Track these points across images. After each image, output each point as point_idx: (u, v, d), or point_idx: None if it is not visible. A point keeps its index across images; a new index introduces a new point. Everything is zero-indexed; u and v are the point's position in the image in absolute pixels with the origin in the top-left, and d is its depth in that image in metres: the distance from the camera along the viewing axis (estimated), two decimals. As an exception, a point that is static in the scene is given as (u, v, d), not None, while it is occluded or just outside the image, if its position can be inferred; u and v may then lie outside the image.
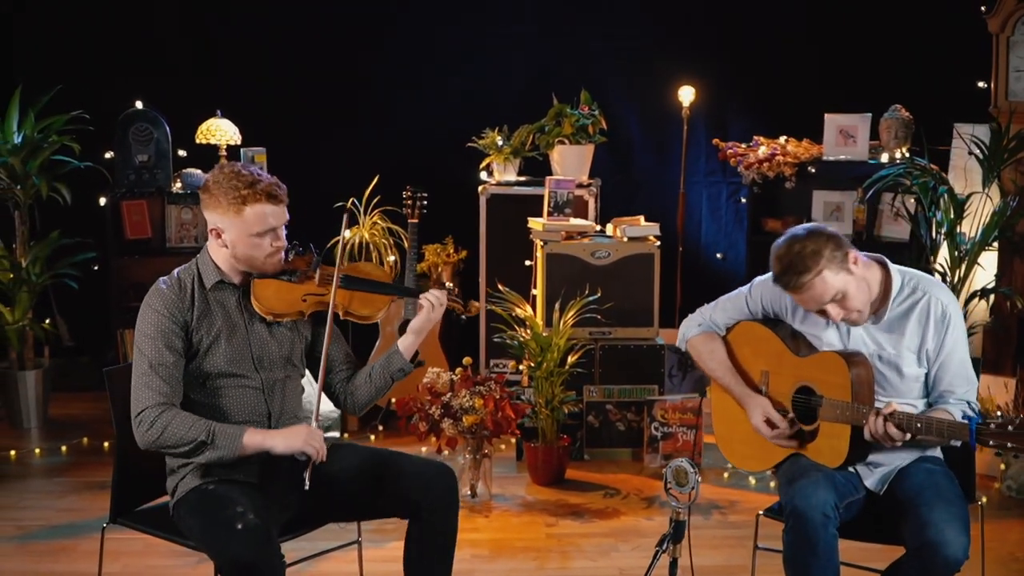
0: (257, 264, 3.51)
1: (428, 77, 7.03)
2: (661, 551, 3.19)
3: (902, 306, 3.61)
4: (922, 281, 3.64)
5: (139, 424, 3.39)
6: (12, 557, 4.72)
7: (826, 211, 6.55)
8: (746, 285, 3.91)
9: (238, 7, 6.97)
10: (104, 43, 6.77)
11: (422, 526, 3.57)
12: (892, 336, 3.61)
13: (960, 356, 3.62)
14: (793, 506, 3.48)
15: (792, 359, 3.73)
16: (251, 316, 3.55)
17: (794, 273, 3.47)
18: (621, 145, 7.16)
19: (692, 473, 3.17)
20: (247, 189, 3.40)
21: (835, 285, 3.48)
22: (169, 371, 3.41)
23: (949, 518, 3.38)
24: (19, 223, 6.19)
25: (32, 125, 6.09)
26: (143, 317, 3.47)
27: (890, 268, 3.64)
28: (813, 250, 3.46)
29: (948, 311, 3.59)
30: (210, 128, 6.46)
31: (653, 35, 7.01)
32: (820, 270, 3.45)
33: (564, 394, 5.52)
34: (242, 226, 3.43)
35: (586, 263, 5.77)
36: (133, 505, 3.75)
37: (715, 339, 3.92)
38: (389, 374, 3.70)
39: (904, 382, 3.63)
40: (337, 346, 3.75)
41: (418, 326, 3.70)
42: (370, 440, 6.14)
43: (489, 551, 4.80)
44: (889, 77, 6.65)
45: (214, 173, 3.46)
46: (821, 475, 3.55)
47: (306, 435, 3.45)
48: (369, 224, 6.39)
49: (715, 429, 3.98)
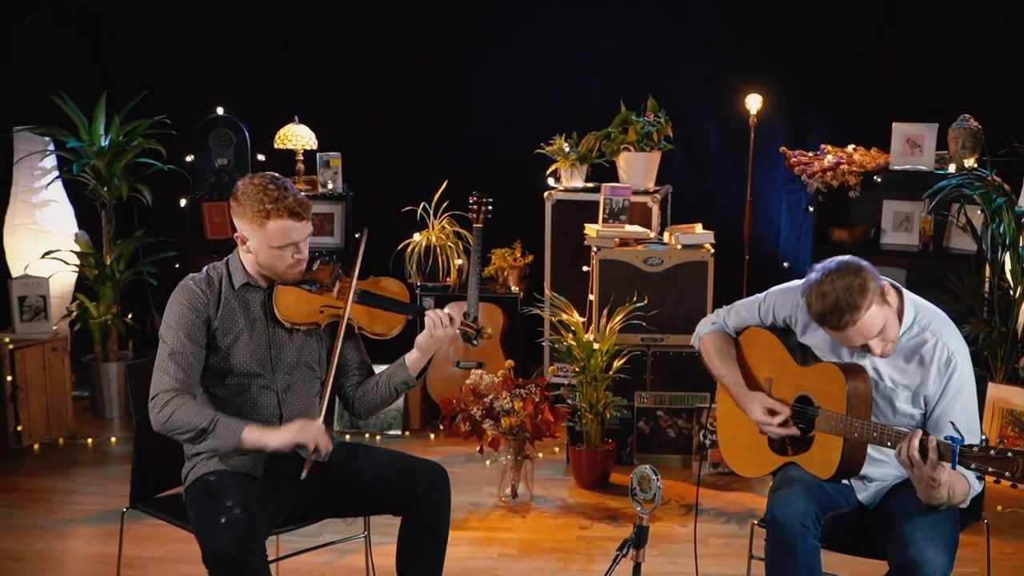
0: (278, 273, 3.66)
1: (503, 83, 7.14)
2: (621, 555, 3.23)
3: (910, 343, 3.54)
4: (934, 322, 3.55)
5: (153, 407, 3.57)
6: (65, 539, 5.01)
7: (895, 221, 6.45)
8: (763, 292, 3.91)
9: (317, 16, 7.21)
10: (188, 50, 7.09)
11: (414, 524, 3.68)
12: (893, 370, 3.56)
13: (963, 405, 3.52)
14: (773, 515, 3.50)
15: (795, 368, 3.72)
16: (273, 319, 3.70)
17: (845, 311, 3.34)
18: (698, 153, 7.18)
19: (655, 480, 3.21)
20: (271, 204, 3.54)
21: (881, 319, 3.40)
22: (187, 359, 3.58)
23: (932, 537, 3.34)
24: (105, 222, 6.53)
25: (117, 129, 6.40)
26: (169, 309, 3.65)
27: (904, 298, 3.56)
28: (860, 285, 3.35)
29: (954, 358, 3.50)
30: (287, 133, 6.69)
31: (730, 43, 6.99)
32: (869, 305, 3.35)
33: (610, 399, 5.56)
34: (264, 238, 3.58)
35: (639, 270, 5.80)
36: (152, 492, 3.93)
37: (727, 339, 3.92)
38: (393, 386, 3.82)
39: (896, 416, 3.58)
40: (353, 353, 3.88)
41: (423, 343, 3.79)
42: (430, 439, 6.28)
43: (518, 550, 4.90)
44: (966, 85, 6.52)
45: (244, 183, 3.61)
46: (804, 485, 3.55)
47: (299, 427, 3.57)
48: (438, 228, 6.54)
49: (718, 434, 4.00)
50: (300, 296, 3.70)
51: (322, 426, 3.62)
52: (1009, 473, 3.12)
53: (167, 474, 3.85)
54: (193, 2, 7.15)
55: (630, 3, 7.11)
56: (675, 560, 4.76)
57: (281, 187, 3.58)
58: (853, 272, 3.39)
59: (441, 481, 3.70)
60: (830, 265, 3.44)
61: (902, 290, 3.59)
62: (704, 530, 5.07)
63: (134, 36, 7.16)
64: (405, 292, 3.89)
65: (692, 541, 4.85)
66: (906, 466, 3.32)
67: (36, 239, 6.61)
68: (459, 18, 7.14)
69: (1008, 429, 5.58)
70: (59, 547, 4.94)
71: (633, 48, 7.06)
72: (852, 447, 3.51)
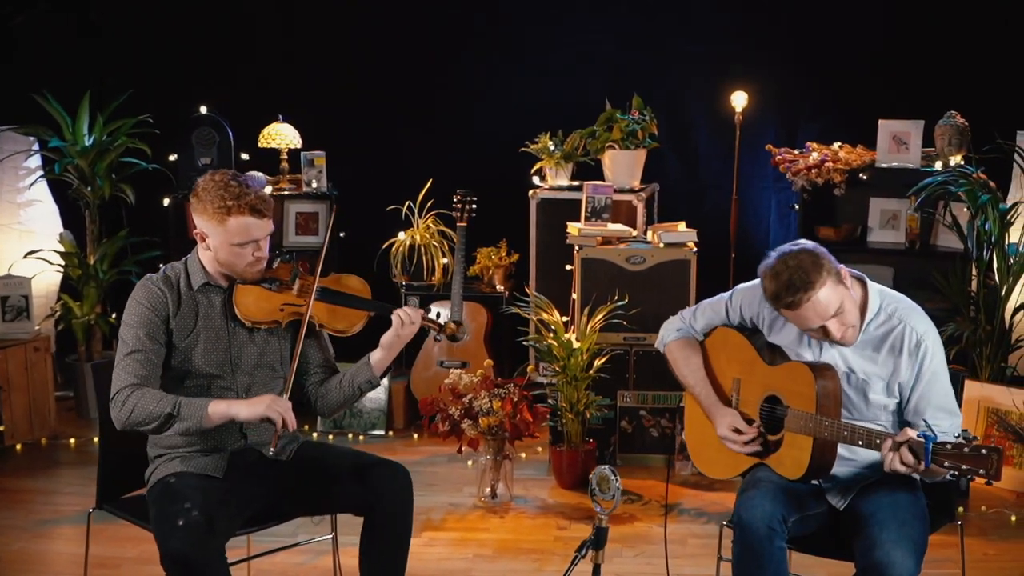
0: (238, 271, 3.63)
1: (490, 82, 7.10)
2: (580, 556, 3.20)
3: (878, 331, 3.52)
4: (900, 308, 3.54)
5: (114, 405, 3.54)
6: (42, 539, 5.00)
7: (882, 219, 6.41)
8: (728, 292, 3.88)
9: (302, 14, 7.21)
10: (174, 50, 7.05)
11: (375, 523, 3.66)
12: (863, 360, 3.53)
13: (940, 388, 3.50)
14: (739, 517, 3.47)
15: (763, 368, 3.69)
16: (233, 319, 3.68)
17: (797, 289, 3.35)
18: (689, 151, 7.15)
19: (614, 480, 3.18)
20: (233, 201, 3.51)
21: (837, 298, 3.40)
22: (147, 356, 3.55)
23: (899, 539, 3.30)
24: (89, 222, 6.52)
25: (101, 128, 6.39)
26: (128, 309, 3.62)
27: (869, 288, 3.55)
28: (813, 262, 3.37)
29: (923, 341, 3.48)
30: (271, 133, 6.67)
31: (721, 42, 6.94)
32: (823, 283, 3.36)
33: (591, 398, 5.53)
34: (224, 235, 3.55)
35: (621, 268, 5.76)
36: (120, 492, 3.91)
37: (692, 345, 3.90)
38: (357, 385, 3.79)
39: (869, 408, 3.55)
40: (316, 351, 3.85)
41: (387, 341, 3.75)
42: (413, 439, 6.25)
43: (493, 551, 4.87)
44: (964, 82, 6.47)
45: (204, 180, 3.58)
46: (772, 487, 3.52)
47: (270, 401, 3.53)
48: (423, 227, 6.51)
49: (687, 435, 3.97)
50: (260, 295, 3.67)
51: (288, 403, 3.58)
52: (984, 470, 3.08)
53: (135, 475, 3.81)
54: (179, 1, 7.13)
55: (621, 2, 7.07)
56: (651, 561, 4.72)
57: (242, 184, 3.55)
58: (807, 252, 3.41)
59: (402, 482, 3.66)
60: (785, 248, 3.47)
61: (865, 280, 3.59)
62: (683, 531, 5.05)
63: (124, 35, 7.14)
64: (367, 289, 3.85)
65: (671, 542, 4.87)
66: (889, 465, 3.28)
67: (20, 239, 6.62)
68: (445, 17, 7.10)
69: (993, 429, 5.52)
70: (36, 547, 4.92)
71: (623, 47, 7.01)
72: (822, 447, 3.48)
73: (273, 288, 3.69)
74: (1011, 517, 5.19)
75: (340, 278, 3.84)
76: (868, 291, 3.54)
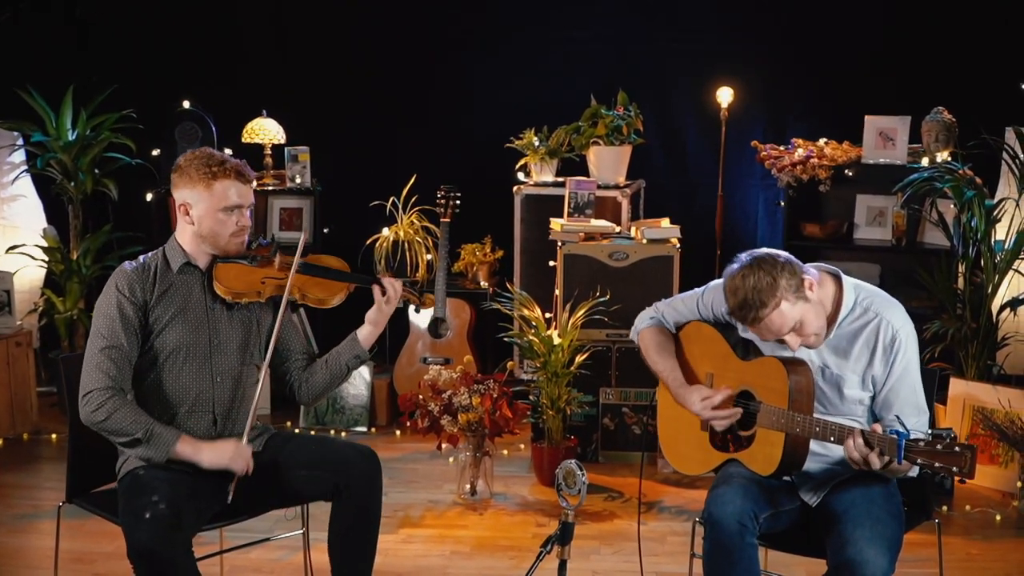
0: (221, 243, 3.64)
1: (475, 78, 7.09)
2: (545, 552, 3.16)
3: (852, 325, 3.48)
4: (876, 301, 3.49)
5: (86, 403, 3.52)
6: (18, 533, 4.98)
7: (869, 216, 6.38)
8: (702, 287, 3.84)
9: (286, 10, 7.19)
10: (159, 45, 7.03)
11: (343, 508, 3.66)
12: (837, 354, 3.49)
13: (911, 384, 3.46)
14: (709, 513, 3.42)
15: (736, 363, 3.65)
16: (213, 299, 3.68)
17: (751, 309, 3.34)
18: (677, 148, 7.11)
19: (580, 475, 3.13)
20: (217, 167, 3.59)
21: (793, 316, 3.36)
22: (122, 355, 3.54)
23: (872, 536, 3.26)
24: (72, 217, 6.49)
25: (84, 123, 6.37)
26: (104, 296, 3.61)
27: (844, 283, 3.51)
28: (769, 283, 3.32)
29: (898, 336, 3.43)
30: (255, 128, 6.63)
31: (710, 39, 6.92)
32: (777, 303, 3.32)
33: (572, 395, 5.50)
34: (210, 200, 3.58)
35: (604, 264, 5.72)
36: (90, 486, 3.87)
37: (665, 333, 3.86)
38: (345, 362, 3.80)
39: (845, 403, 3.51)
40: (295, 337, 3.88)
41: (373, 316, 3.78)
42: (396, 435, 6.22)
43: (471, 548, 4.83)
44: (948, 78, 6.43)
45: (185, 157, 3.65)
46: (743, 483, 3.48)
47: (233, 451, 3.58)
48: (407, 223, 6.48)
49: (659, 431, 3.92)
50: (242, 269, 3.69)
51: (249, 449, 3.62)
52: (957, 468, 3.03)
53: (106, 469, 3.77)
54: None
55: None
56: (629, 558, 4.68)
57: (223, 154, 3.66)
58: (765, 269, 3.35)
59: (370, 465, 3.66)
60: (745, 259, 3.42)
61: (840, 276, 3.54)
62: (662, 528, 5.02)
63: (108, 30, 7.11)
64: (346, 266, 3.87)
65: (650, 539, 4.85)
66: (860, 466, 3.25)
67: (4, 234, 6.61)
68: (432, 12, 7.08)
69: (978, 428, 5.49)
70: (12, 541, 4.89)
71: (610, 43, 7.00)
72: (794, 443, 3.43)
73: (254, 263, 3.70)
74: (996, 516, 5.15)
75: (320, 257, 3.86)
76: (843, 287, 3.49)
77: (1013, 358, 5.80)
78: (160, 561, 3.30)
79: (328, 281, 3.76)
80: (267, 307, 3.79)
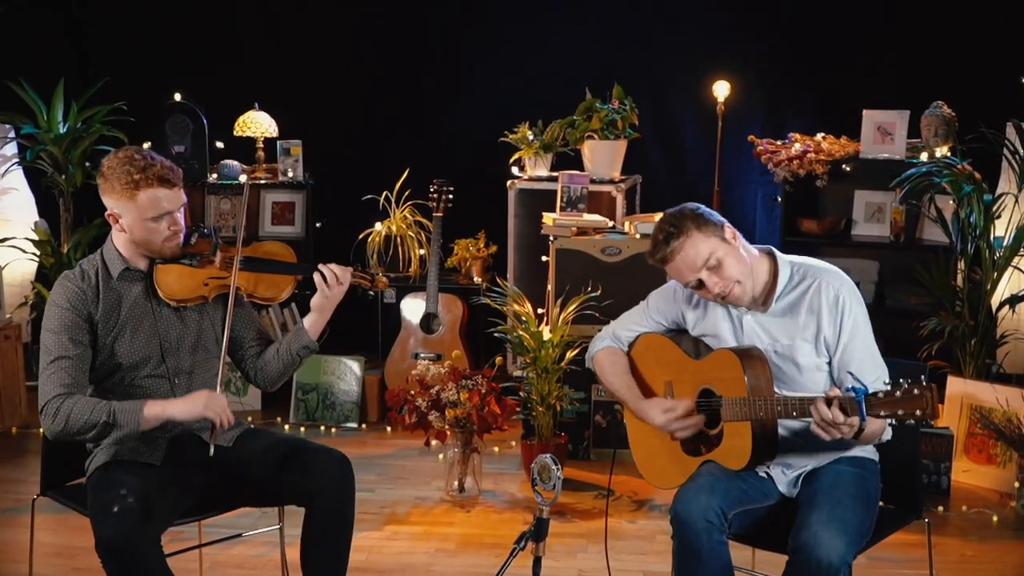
0: (155, 248, 3.52)
1: (470, 71, 7.02)
2: (519, 548, 3.09)
3: (792, 294, 3.47)
4: (811, 268, 3.50)
5: (45, 416, 3.44)
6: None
7: (867, 212, 6.30)
8: (644, 300, 3.81)
9: (279, 4, 7.14)
10: (149, 38, 7.00)
11: (316, 515, 3.56)
12: (785, 326, 3.46)
13: (863, 341, 3.43)
14: (675, 512, 3.36)
15: (691, 364, 3.60)
16: (158, 302, 3.58)
17: (662, 242, 3.42)
18: (675, 144, 7.04)
19: (555, 470, 3.07)
20: (139, 174, 3.40)
21: (707, 248, 3.39)
22: (73, 363, 3.45)
23: (829, 520, 3.18)
24: (63, 210, 6.45)
25: (75, 116, 6.32)
26: (48, 312, 3.51)
27: (778, 258, 3.52)
28: (678, 216, 3.42)
29: (840, 294, 3.42)
30: (247, 121, 6.58)
31: (709, 34, 6.85)
32: (688, 232, 3.38)
33: (562, 391, 5.43)
34: (136, 211, 3.43)
35: (596, 259, 5.65)
36: (64, 479, 3.83)
37: (618, 354, 3.81)
38: (295, 351, 3.69)
39: (803, 374, 3.45)
40: (248, 324, 3.76)
41: (317, 304, 3.67)
42: (386, 432, 6.16)
43: (456, 545, 4.77)
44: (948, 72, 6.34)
45: (108, 159, 3.48)
46: (709, 479, 3.40)
47: (206, 399, 3.44)
48: (399, 218, 6.42)
49: (634, 455, 3.83)
50: (182, 272, 3.57)
51: (225, 399, 3.49)
52: (920, 411, 3.01)
53: (80, 461, 3.71)
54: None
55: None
56: (618, 557, 4.59)
57: (147, 157, 3.45)
58: (681, 211, 3.46)
59: (342, 470, 3.55)
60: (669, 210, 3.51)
61: (774, 251, 3.56)
62: (652, 527, 4.96)
63: (101, 22, 7.09)
64: (291, 253, 3.76)
65: (639, 538, 4.79)
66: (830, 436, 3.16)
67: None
68: (425, 6, 7.02)
69: (976, 427, 5.40)
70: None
71: (607, 38, 6.93)
72: (762, 428, 3.37)
73: (194, 264, 3.58)
74: (993, 517, 5.07)
75: (261, 245, 3.75)
76: (778, 262, 3.51)
77: (1012, 356, 5.72)
78: (128, 555, 3.22)
79: (273, 276, 3.65)
80: (216, 304, 3.67)
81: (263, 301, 3.69)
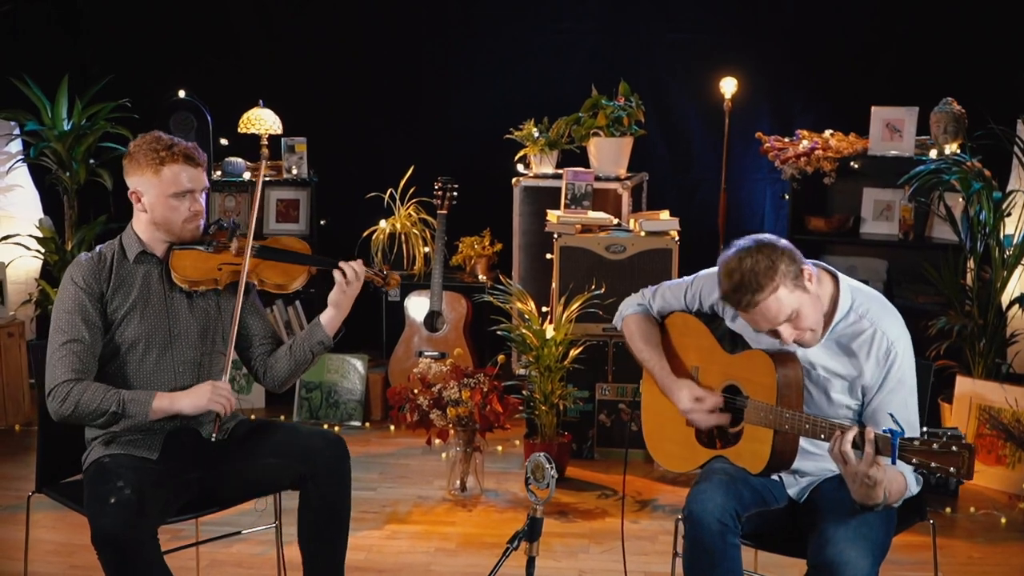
0: (175, 229, 3.56)
1: (476, 68, 6.99)
2: (512, 548, 3.04)
3: (847, 330, 3.30)
4: (873, 308, 3.31)
5: (52, 399, 3.47)
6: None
7: (876, 210, 6.23)
8: (690, 276, 3.71)
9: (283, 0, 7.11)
10: (153, 34, 6.97)
11: (311, 497, 3.57)
12: (828, 358, 3.32)
13: (902, 398, 3.27)
14: (689, 511, 3.29)
15: (722, 356, 3.51)
16: (171, 288, 3.61)
17: (747, 291, 3.14)
18: (682, 142, 6.99)
19: (548, 469, 3.02)
20: (165, 151, 3.50)
21: (790, 304, 3.16)
22: (84, 348, 3.48)
23: (855, 538, 3.10)
24: (67, 207, 6.44)
25: (79, 112, 6.31)
26: (63, 291, 3.54)
27: (840, 284, 3.33)
28: (767, 266, 3.13)
29: (894, 348, 3.25)
30: (252, 118, 6.54)
31: (716, 31, 6.81)
32: (775, 288, 3.13)
33: (566, 390, 5.38)
34: (160, 186, 3.50)
35: (601, 257, 5.60)
36: (60, 477, 3.80)
37: (651, 322, 3.71)
38: (309, 347, 3.70)
39: (831, 407, 3.34)
40: (259, 321, 3.78)
41: (335, 299, 3.69)
42: (390, 430, 6.12)
43: (456, 545, 4.73)
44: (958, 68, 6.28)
45: (134, 142, 3.57)
46: (725, 479, 3.33)
47: (211, 392, 3.50)
48: (404, 215, 6.38)
49: (643, 426, 3.79)
50: (198, 256, 3.61)
51: (228, 386, 3.53)
52: (954, 468, 2.85)
53: (76, 458, 3.70)
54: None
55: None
56: (618, 557, 4.48)
57: (171, 138, 3.56)
58: (765, 252, 3.15)
59: (338, 454, 3.57)
60: (744, 243, 3.22)
61: (838, 276, 3.35)
62: (655, 527, 4.91)
63: (105, 20, 7.05)
64: (307, 248, 3.79)
65: (641, 538, 4.74)
66: (838, 462, 3.07)
67: (0, 224, 6.53)
68: (430, 2, 6.99)
69: (984, 428, 5.33)
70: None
71: (615, 35, 6.89)
72: (783, 440, 3.28)
73: (210, 249, 3.62)
74: (1001, 519, 5.01)
75: (279, 239, 3.79)
76: (840, 287, 3.32)
77: (1022, 356, 5.66)
78: (125, 547, 3.22)
79: (287, 265, 3.67)
80: (227, 294, 3.68)
81: (274, 289, 3.69)
